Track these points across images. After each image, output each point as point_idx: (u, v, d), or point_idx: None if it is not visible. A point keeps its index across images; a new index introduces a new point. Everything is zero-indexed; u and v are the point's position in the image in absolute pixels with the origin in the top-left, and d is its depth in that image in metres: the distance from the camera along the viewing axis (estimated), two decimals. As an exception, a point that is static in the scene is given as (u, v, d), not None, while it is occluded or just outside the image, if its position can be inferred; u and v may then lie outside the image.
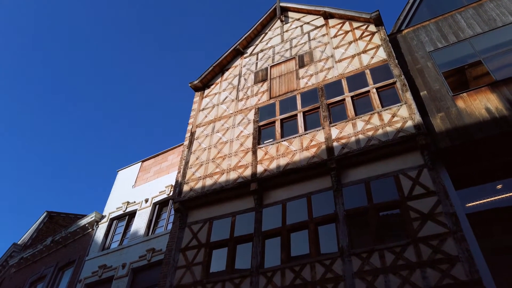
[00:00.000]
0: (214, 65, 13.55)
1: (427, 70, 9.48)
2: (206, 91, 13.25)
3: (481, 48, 9.23)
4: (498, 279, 6.43)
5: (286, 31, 13.40)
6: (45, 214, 18.96)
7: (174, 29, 65.76)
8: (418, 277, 6.37)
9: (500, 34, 9.27)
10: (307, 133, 9.51)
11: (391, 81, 9.41)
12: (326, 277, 7.11)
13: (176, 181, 10.56)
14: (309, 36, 12.45)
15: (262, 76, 12.25)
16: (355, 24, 11.65)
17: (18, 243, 18.49)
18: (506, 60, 8.76)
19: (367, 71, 10.01)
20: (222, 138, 11.01)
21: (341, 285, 6.88)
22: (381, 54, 10.19)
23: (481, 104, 8.08)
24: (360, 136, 8.65)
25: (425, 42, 10.21)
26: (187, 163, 10.94)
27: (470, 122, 7.91)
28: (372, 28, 11.12)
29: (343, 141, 8.79)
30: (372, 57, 10.28)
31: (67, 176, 66.11)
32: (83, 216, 18.96)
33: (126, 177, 14.43)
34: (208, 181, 10.00)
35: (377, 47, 10.46)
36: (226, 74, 13.42)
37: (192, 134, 11.83)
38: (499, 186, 7.87)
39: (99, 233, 12.87)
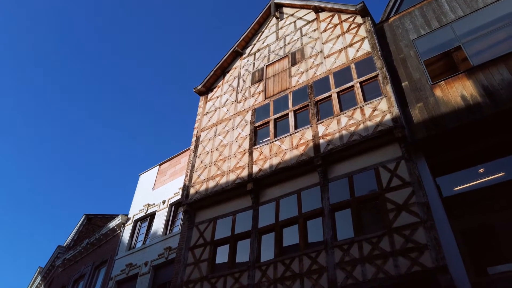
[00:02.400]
0: (215, 68, 14.19)
1: (409, 59, 9.63)
2: (210, 95, 13.95)
3: (462, 32, 9.23)
4: (471, 262, 6.83)
5: (281, 28, 13.74)
6: (83, 217, 20.71)
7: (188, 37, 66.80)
8: (390, 265, 6.86)
9: (481, 15, 9.21)
10: (297, 132, 10.01)
11: (373, 74, 9.66)
12: (312, 268, 7.74)
13: (184, 185, 11.45)
14: (301, 32, 12.76)
15: (258, 77, 12.76)
16: (343, 17, 11.82)
17: (63, 245, 20.43)
18: (485, 43, 8.76)
19: (352, 65, 10.28)
20: (223, 140, 11.73)
21: (324, 275, 7.49)
22: (366, 47, 10.40)
23: (457, 92, 8.24)
24: (344, 132, 9.06)
25: (409, 29, 10.29)
26: (193, 166, 11.79)
27: (446, 111, 8.11)
28: (358, 19, 11.27)
29: (328, 137, 9.24)
30: (358, 50, 10.51)
31: (100, 180, 70.94)
32: (117, 216, 20.55)
33: (146, 180, 15.58)
34: (211, 183, 10.80)
35: (362, 39, 10.65)
36: (227, 76, 14.04)
37: (198, 138, 12.63)
38: (481, 170, 8.06)
39: (126, 234, 14.15)
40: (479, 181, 7.90)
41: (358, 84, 9.78)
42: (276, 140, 10.27)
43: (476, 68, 8.31)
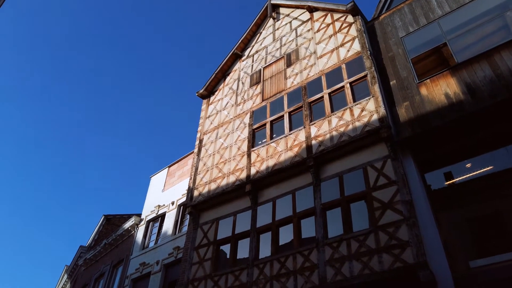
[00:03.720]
0: (216, 71, 14.59)
1: (398, 58, 9.80)
2: (212, 98, 14.40)
3: (449, 28, 9.33)
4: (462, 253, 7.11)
5: (277, 29, 14.00)
6: (102, 217, 21.69)
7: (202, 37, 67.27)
8: (375, 262, 7.21)
9: (467, 10, 9.26)
10: (291, 133, 10.37)
11: (362, 74, 9.88)
12: (304, 266, 8.16)
13: (189, 187, 12.01)
14: (296, 33, 13.00)
15: (256, 79, 13.12)
16: (336, 16, 11.99)
17: (85, 245, 21.49)
18: (470, 39, 8.85)
19: (343, 66, 10.51)
20: (224, 143, 12.19)
21: (315, 272, 7.91)
22: (356, 47, 10.59)
23: (441, 89, 8.41)
24: (334, 132, 9.36)
25: (398, 27, 10.42)
26: (196, 169, 12.32)
27: (431, 109, 8.31)
28: (350, 19, 11.43)
29: (320, 138, 9.56)
30: (348, 50, 10.71)
31: (120, 181, 73.44)
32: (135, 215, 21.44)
33: (157, 182, 16.26)
34: (213, 185, 11.31)
35: (353, 39, 10.84)
36: (228, 79, 14.43)
37: (201, 141, 13.13)
38: (468, 165, 8.27)
39: (139, 234, 14.89)
40: (472, 174, 8.11)
41: (348, 85, 10.03)
42: (272, 142, 10.66)
43: (460, 65, 8.45)
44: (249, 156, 11.00)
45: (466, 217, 7.87)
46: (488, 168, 7.99)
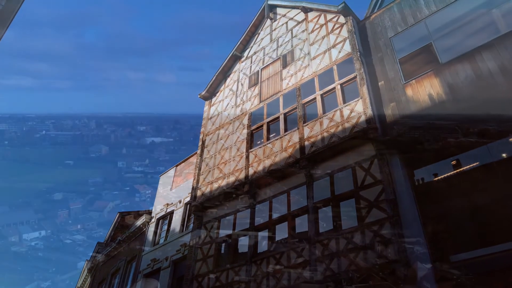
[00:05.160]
0: (216, 73, 15.05)
1: (386, 58, 10.07)
2: (213, 99, 14.89)
3: (435, 28, 9.53)
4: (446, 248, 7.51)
5: (274, 29, 14.31)
6: (118, 215, 22.62)
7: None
8: (361, 258, 7.67)
9: (453, 10, 9.44)
10: (286, 134, 10.80)
11: (352, 75, 10.19)
12: (298, 262, 8.67)
13: (192, 187, 12.61)
14: (292, 33, 13.30)
15: (254, 80, 13.52)
16: (329, 16, 12.24)
17: (103, 242, 22.49)
18: (455, 39, 9.05)
19: (334, 67, 10.83)
20: (224, 144, 12.71)
21: (307, 268, 8.41)
22: (347, 48, 10.86)
23: (425, 90, 8.69)
24: (325, 134, 9.75)
25: (388, 27, 10.64)
26: (199, 169, 12.89)
27: (415, 110, 8.63)
28: (342, 19, 11.68)
29: (312, 139, 9.97)
30: (340, 52, 11.00)
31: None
32: (148, 212, 22.29)
33: (166, 181, 16.95)
34: (214, 185, 11.87)
35: (344, 40, 11.11)
36: (228, 80, 14.88)
37: (203, 142, 13.68)
38: (453, 162, 8.59)
39: (150, 231, 15.65)
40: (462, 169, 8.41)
41: (338, 86, 10.37)
42: (269, 143, 11.11)
43: (444, 66, 8.70)
44: (247, 157, 11.49)
45: (454, 212, 8.20)
46: (474, 164, 8.30)
